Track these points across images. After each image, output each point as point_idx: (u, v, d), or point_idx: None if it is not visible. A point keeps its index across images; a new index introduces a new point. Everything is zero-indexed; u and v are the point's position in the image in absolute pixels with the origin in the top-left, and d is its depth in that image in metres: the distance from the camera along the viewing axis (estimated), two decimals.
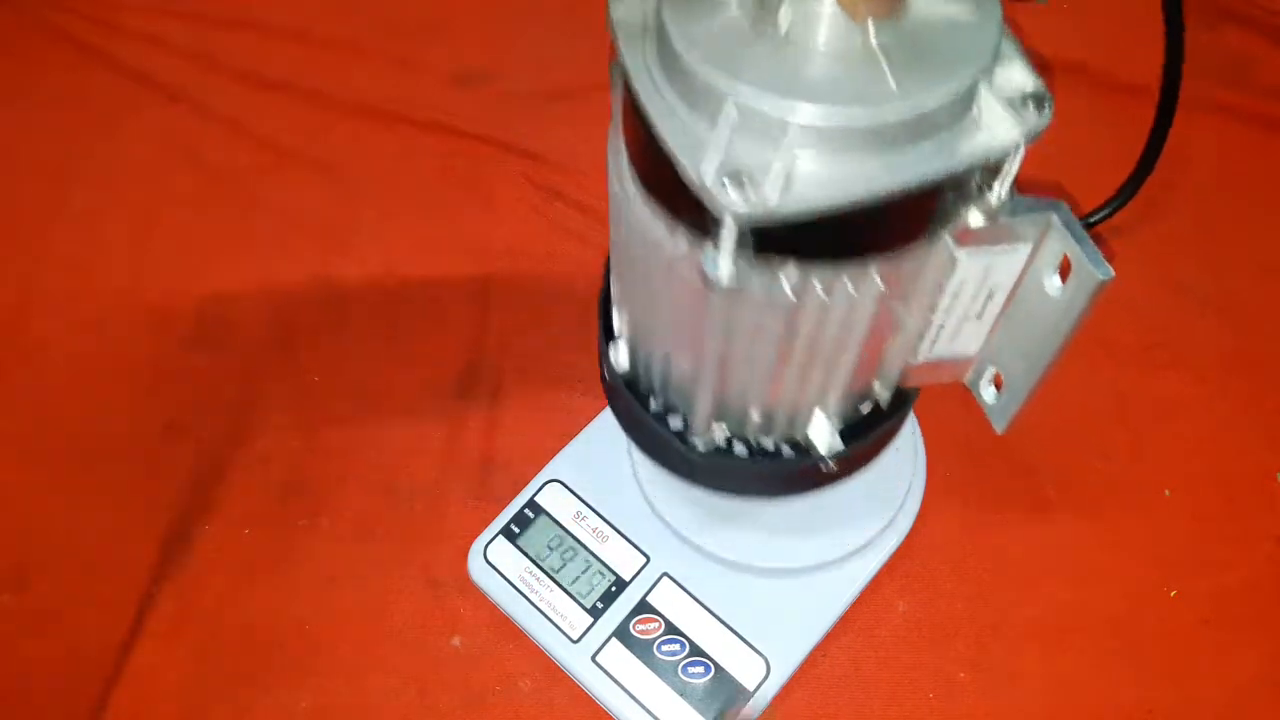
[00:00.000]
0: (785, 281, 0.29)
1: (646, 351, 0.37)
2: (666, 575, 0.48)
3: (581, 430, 0.52)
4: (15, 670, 0.48)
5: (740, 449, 0.38)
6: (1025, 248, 0.30)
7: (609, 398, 0.41)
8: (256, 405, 0.55)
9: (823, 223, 0.26)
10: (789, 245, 0.28)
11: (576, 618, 0.47)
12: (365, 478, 0.53)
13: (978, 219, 0.29)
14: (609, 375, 0.40)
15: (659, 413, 0.39)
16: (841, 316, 0.31)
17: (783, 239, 0.28)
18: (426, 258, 0.61)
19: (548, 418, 0.54)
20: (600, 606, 0.47)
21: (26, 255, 0.61)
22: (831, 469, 0.38)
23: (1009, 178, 0.29)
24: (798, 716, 0.46)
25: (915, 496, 0.50)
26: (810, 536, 0.48)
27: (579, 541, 0.49)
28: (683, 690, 0.45)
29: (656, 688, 0.45)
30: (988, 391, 0.36)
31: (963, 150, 0.27)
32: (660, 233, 0.30)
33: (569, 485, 0.50)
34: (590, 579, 0.48)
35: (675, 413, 0.38)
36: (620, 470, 0.50)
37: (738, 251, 0.28)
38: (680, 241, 0.30)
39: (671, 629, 0.46)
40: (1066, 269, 0.30)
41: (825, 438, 0.37)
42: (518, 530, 0.49)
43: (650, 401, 0.39)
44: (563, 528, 0.49)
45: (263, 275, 0.60)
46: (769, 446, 0.38)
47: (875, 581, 0.48)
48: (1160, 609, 0.49)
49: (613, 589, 0.47)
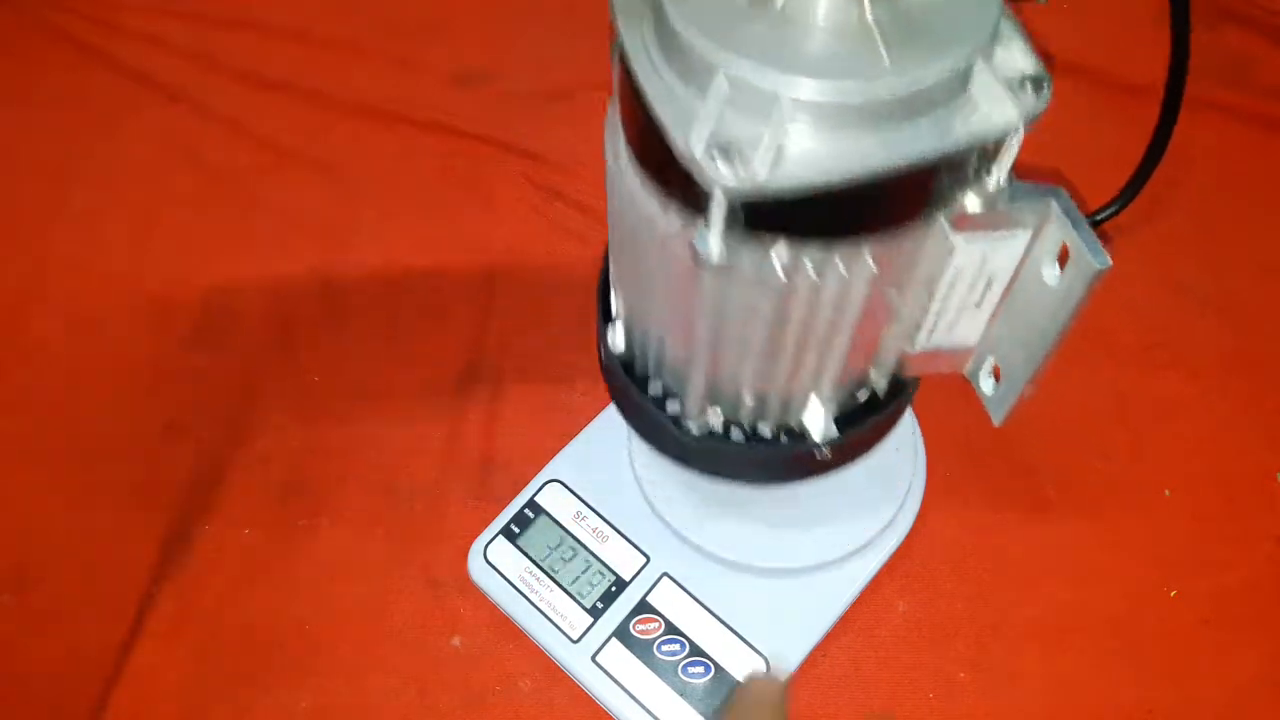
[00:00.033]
0: (776, 260, 0.29)
1: (642, 332, 0.37)
2: (666, 575, 0.48)
3: (581, 430, 0.52)
4: (15, 670, 0.48)
5: (735, 434, 0.37)
6: (1024, 235, 0.30)
7: (606, 379, 0.41)
8: (256, 405, 0.55)
9: (814, 200, 0.26)
10: (780, 223, 0.28)
11: (576, 618, 0.47)
12: (365, 478, 0.53)
13: (975, 204, 0.29)
14: (606, 357, 0.40)
15: (658, 397, 0.38)
16: (834, 299, 0.30)
17: (774, 216, 0.27)
18: (426, 258, 0.61)
19: (548, 418, 0.54)
20: (600, 606, 0.47)
21: (26, 255, 0.61)
22: (826, 456, 0.37)
23: (1007, 162, 0.28)
24: (798, 716, 0.46)
25: (915, 496, 0.50)
26: (810, 536, 0.48)
27: (579, 541, 0.49)
28: (683, 690, 0.45)
29: (656, 688, 0.45)
30: (987, 383, 0.35)
31: (958, 131, 0.26)
32: (654, 209, 0.30)
33: (569, 485, 0.50)
34: (590, 579, 0.48)
35: (674, 397, 0.38)
36: (620, 470, 0.50)
37: (729, 229, 0.27)
38: (673, 218, 0.29)
39: (671, 629, 0.46)
40: (1065, 258, 0.30)
41: (820, 424, 0.37)
42: (518, 530, 0.49)
43: (649, 385, 0.39)
44: (563, 528, 0.49)
45: (263, 275, 0.60)
46: (765, 432, 0.37)
47: (875, 581, 0.48)
48: (1160, 609, 0.49)
49: (613, 589, 0.47)
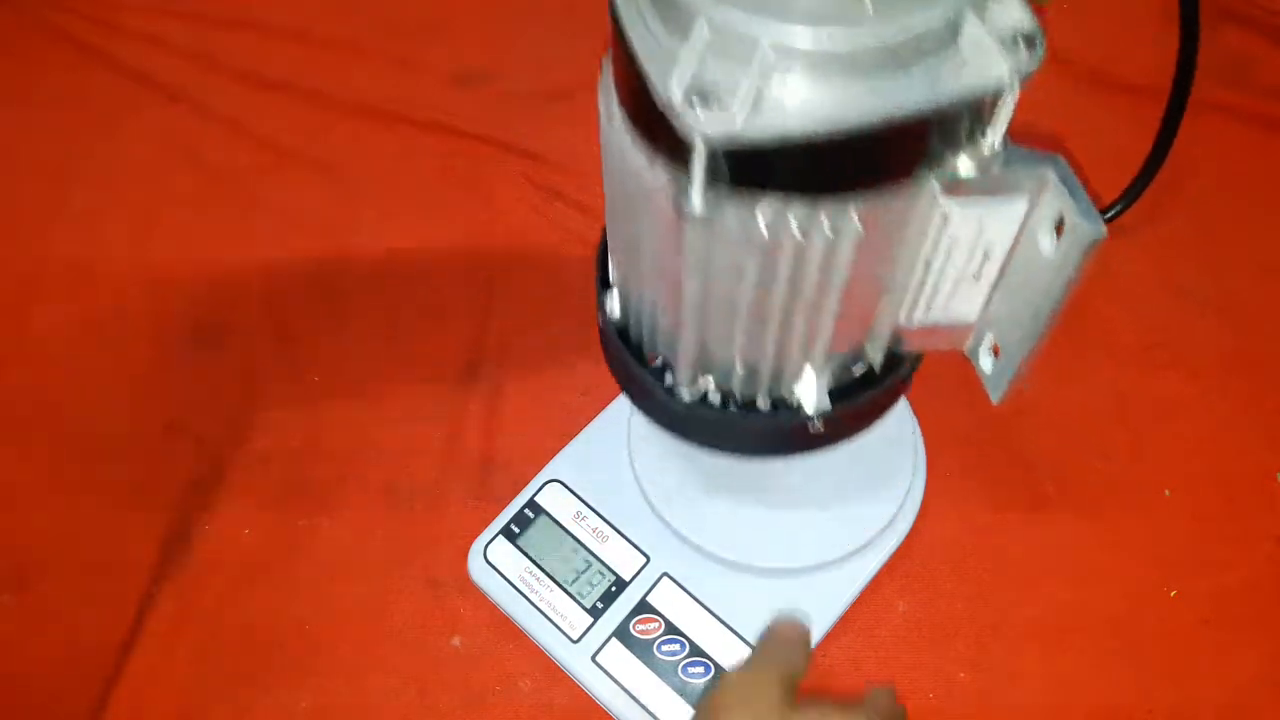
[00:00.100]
0: (760, 217, 0.28)
1: (636, 296, 0.37)
2: (666, 575, 0.48)
3: (581, 430, 0.52)
4: (15, 670, 0.48)
5: (728, 404, 0.37)
6: (1021, 203, 0.29)
7: (603, 345, 0.41)
8: (256, 405, 0.55)
9: (799, 152, 0.25)
10: (765, 177, 0.27)
11: (576, 618, 0.47)
12: (365, 478, 0.53)
13: (968, 167, 0.28)
14: (603, 323, 0.40)
15: (657, 369, 0.38)
16: (820, 260, 0.30)
17: (758, 169, 0.27)
18: (426, 258, 0.61)
19: (548, 418, 0.54)
20: (600, 606, 0.47)
21: (27, 255, 0.61)
22: (818, 429, 0.37)
23: (1002, 125, 0.28)
24: None
25: (915, 496, 0.50)
26: (810, 536, 0.48)
27: (579, 541, 0.49)
28: (683, 690, 0.45)
29: (656, 688, 0.45)
30: (987, 360, 0.34)
31: (946, 84, 0.25)
32: (641, 163, 0.30)
33: (569, 485, 0.50)
34: (590, 579, 0.48)
35: (671, 369, 0.37)
36: (620, 470, 0.50)
37: (713, 182, 0.27)
38: (659, 172, 0.29)
39: (671, 629, 0.46)
40: (1062, 229, 0.29)
41: (813, 396, 0.36)
42: (518, 530, 0.49)
43: (644, 353, 0.38)
44: (563, 528, 0.49)
45: (263, 275, 0.60)
46: (760, 404, 0.37)
47: (875, 581, 0.48)
48: (1160, 609, 0.49)
49: (613, 589, 0.47)
